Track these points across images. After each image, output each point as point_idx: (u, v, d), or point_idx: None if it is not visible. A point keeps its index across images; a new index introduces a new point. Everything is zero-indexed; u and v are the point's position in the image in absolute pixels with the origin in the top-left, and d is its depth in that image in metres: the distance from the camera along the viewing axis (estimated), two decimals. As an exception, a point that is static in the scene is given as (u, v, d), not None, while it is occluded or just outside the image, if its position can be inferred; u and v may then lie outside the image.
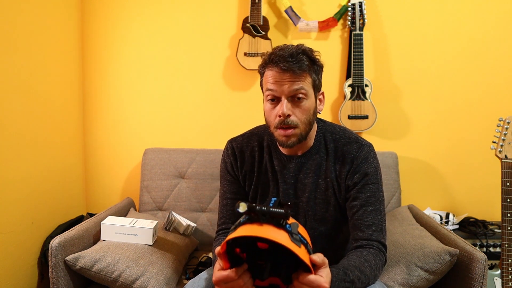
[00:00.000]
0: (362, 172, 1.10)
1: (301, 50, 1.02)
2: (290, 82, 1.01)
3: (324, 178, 1.14)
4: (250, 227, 0.77)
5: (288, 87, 1.02)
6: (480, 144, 2.00)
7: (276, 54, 1.02)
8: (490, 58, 2.00)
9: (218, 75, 2.06)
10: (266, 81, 1.06)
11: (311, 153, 1.15)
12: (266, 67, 1.06)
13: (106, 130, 2.08)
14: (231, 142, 1.24)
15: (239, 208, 0.77)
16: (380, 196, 1.11)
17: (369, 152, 1.13)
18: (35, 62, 1.64)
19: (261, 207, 0.77)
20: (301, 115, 1.05)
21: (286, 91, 1.02)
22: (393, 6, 2.00)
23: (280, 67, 1.01)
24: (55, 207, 1.78)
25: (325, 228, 1.17)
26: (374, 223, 1.08)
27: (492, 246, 1.77)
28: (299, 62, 1.01)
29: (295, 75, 1.01)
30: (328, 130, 1.18)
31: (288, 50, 1.02)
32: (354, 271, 0.95)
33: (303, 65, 1.01)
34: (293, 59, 1.00)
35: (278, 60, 1.01)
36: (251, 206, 0.77)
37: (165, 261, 1.41)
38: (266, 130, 1.21)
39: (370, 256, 1.03)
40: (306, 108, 1.05)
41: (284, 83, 1.02)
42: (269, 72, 1.05)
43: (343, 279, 0.92)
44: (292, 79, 1.01)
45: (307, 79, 1.04)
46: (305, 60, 1.02)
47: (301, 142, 1.09)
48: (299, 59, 1.01)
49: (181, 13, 2.03)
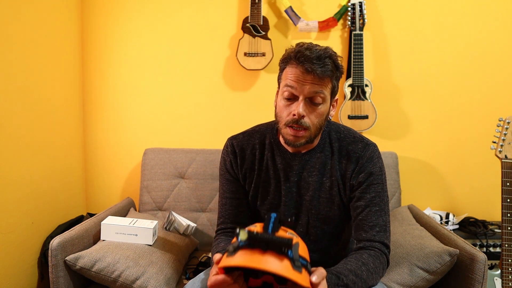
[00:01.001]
0: (367, 171, 1.10)
1: (328, 54, 1.01)
2: (311, 84, 1.00)
3: (329, 176, 1.13)
4: (250, 255, 0.74)
5: (309, 88, 1.00)
6: (480, 144, 2.00)
7: (303, 53, 1.00)
8: (490, 58, 2.00)
9: (218, 75, 2.06)
10: (286, 76, 1.04)
11: (316, 151, 1.14)
12: (289, 62, 1.04)
13: (106, 130, 2.08)
14: (231, 140, 1.23)
15: (239, 236, 0.75)
16: (384, 196, 1.11)
17: (374, 151, 1.13)
18: (35, 62, 1.64)
19: (263, 235, 0.74)
20: (315, 118, 1.04)
21: (306, 91, 1.01)
22: (393, 6, 2.00)
23: (305, 67, 0.99)
24: (55, 207, 1.78)
25: (328, 227, 1.16)
26: (378, 224, 1.07)
27: (492, 246, 1.77)
28: (325, 66, 0.99)
29: (318, 79, 1.00)
30: (333, 129, 1.17)
31: (316, 51, 1.00)
32: (349, 275, 0.94)
33: (327, 70, 1.00)
34: (319, 62, 0.99)
35: (304, 59, 0.99)
36: (252, 234, 0.74)
37: (165, 261, 1.41)
38: (268, 128, 1.20)
39: (369, 259, 1.02)
40: (321, 113, 1.04)
41: (305, 84, 1.00)
42: (291, 69, 1.03)
43: (336, 283, 0.91)
44: (315, 81, 1.00)
45: (328, 84, 1.03)
46: (330, 65, 1.01)
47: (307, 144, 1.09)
48: (325, 63, 0.99)
49: (181, 13, 2.03)
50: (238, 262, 0.74)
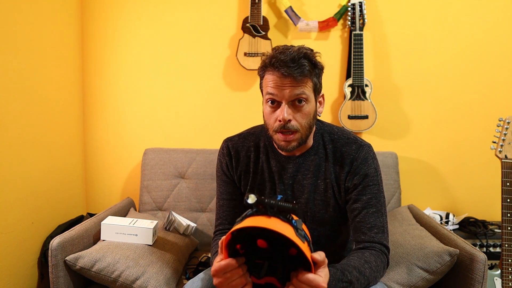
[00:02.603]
0: (362, 173, 1.09)
1: (303, 54, 1.00)
2: (291, 87, 1.00)
3: (323, 179, 1.13)
4: (257, 218, 0.77)
5: (289, 92, 1.00)
6: (480, 144, 2.00)
7: (277, 58, 0.99)
8: (490, 58, 2.00)
9: (218, 75, 2.06)
10: (266, 84, 1.04)
11: (310, 154, 1.14)
12: (266, 70, 1.04)
13: (106, 130, 2.08)
14: (227, 141, 1.23)
15: (248, 199, 0.78)
16: (381, 197, 1.10)
17: (369, 152, 1.12)
18: (35, 62, 1.64)
19: (270, 200, 0.78)
20: (302, 119, 1.04)
21: (287, 96, 1.01)
22: (393, 6, 2.00)
23: (281, 72, 0.99)
24: (55, 207, 1.78)
25: (324, 229, 1.16)
26: (376, 225, 1.07)
27: (492, 246, 1.77)
28: (301, 67, 0.99)
29: (296, 81, 1.00)
30: (326, 130, 1.17)
31: (290, 54, 0.99)
32: (353, 272, 0.95)
33: (305, 70, 1.00)
34: (294, 64, 0.98)
35: (279, 65, 0.99)
36: (260, 198, 0.77)
37: (165, 261, 1.41)
38: (263, 130, 1.20)
39: (371, 258, 1.02)
40: (307, 113, 1.04)
41: (285, 88, 1.00)
42: (269, 76, 1.03)
43: (341, 279, 0.91)
44: (293, 84, 1.00)
45: (308, 84, 1.02)
46: (307, 64, 1.00)
47: (301, 146, 1.09)
48: (300, 64, 0.99)
49: (181, 13, 2.03)
50: (245, 224, 0.76)
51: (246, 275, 0.84)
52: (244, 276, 0.83)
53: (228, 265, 0.80)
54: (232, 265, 0.81)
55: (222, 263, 0.81)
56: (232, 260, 0.80)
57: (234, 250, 0.83)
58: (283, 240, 0.78)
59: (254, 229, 0.77)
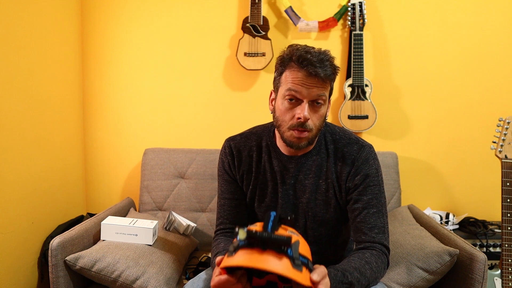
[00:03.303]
0: (363, 174, 1.10)
1: (328, 57, 1.02)
2: (316, 88, 1.01)
3: (325, 179, 1.13)
4: (250, 255, 0.75)
5: (314, 91, 1.01)
6: (480, 144, 2.00)
7: (304, 57, 1.00)
8: (490, 58, 2.00)
9: (218, 75, 2.06)
10: (287, 80, 1.04)
11: (312, 154, 1.14)
12: (288, 66, 1.04)
13: (106, 130, 2.08)
14: (229, 141, 1.23)
15: (238, 235, 0.76)
16: (382, 198, 1.10)
17: (370, 153, 1.12)
18: (35, 62, 1.64)
19: (262, 234, 0.74)
20: (317, 120, 1.05)
21: (311, 95, 1.01)
22: (393, 6, 2.00)
23: (309, 71, 0.99)
24: (55, 207, 1.78)
25: (325, 229, 1.17)
26: (376, 226, 1.07)
27: (492, 246, 1.77)
28: (326, 70, 1.01)
29: (321, 82, 1.01)
30: (328, 130, 1.17)
31: (316, 54, 1.01)
32: (354, 273, 0.95)
33: (329, 72, 1.01)
34: (321, 65, 1.00)
35: (307, 63, 0.99)
36: (251, 233, 0.75)
37: (165, 261, 1.41)
38: (265, 130, 1.20)
39: (372, 258, 1.02)
40: (322, 114, 1.06)
41: (310, 87, 1.01)
42: (292, 73, 1.03)
43: (342, 281, 0.92)
44: (318, 84, 1.01)
45: (328, 87, 1.05)
46: (330, 68, 1.02)
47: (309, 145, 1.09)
48: (326, 66, 1.01)
49: (181, 13, 2.03)
50: (237, 262, 0.74)
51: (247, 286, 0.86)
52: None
53: (228, 281, 0.82)
54: (231, 281, 0.82)
55: (222, 278, 0.82)
56: (230, 277, 0.82)
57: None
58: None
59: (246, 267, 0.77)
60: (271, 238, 0.74)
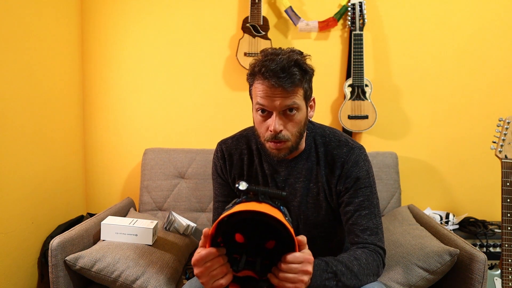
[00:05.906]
0: (353, 176, 1.08)
1: (293, 62, 0.96)
2: (281, 98, 0.97)
3: (315, 182, 1.13)
4: (248, 204, 0.79)
5: (280, 103, 0.97)
6: (480, 144, 2.00)
7: (267, 68, 0.95)
8: (490, 58, 2.00)
9: (218, 75, 2.06)
10: (255, 93, 1.01)
11: (302, 158, 1.13)
12: (255, 78, 1.01)
13: (106, 130, 2.08)
14: (221, 144, 1.22)
15: (239, 185, 0.81)
16: (374, 199, 1.09)
17: (360, 155, 1.10)
18: (35, 62, 1.64)
19: (260, 187, 0.82)
20: (293, 128, 1.02)
21: (278, 107, 0.98)
22: (393, 6, 2.00)
23: (271, 82, 0.95)
24: (55, 207, 1.78)
25: (318, 232, 1.16)
26: (369, 227, 1.06)
27: (492, 246, 1.77)
28: (291, 77, 0.95)
29: (287, 91, 0.96)
30: (318, 133, 1.15)
31: (279, 62, 0.95)
32: (338, 265, 0.95)
33: (295, 79, 0.96)
34: (284, 74, 0.94)
35: (268, 75, 0.95)
36: (250, 185, 0.81)
37: (165, 261, 1.41)
38: (254, 132, 1.20)
39: (362, 255, 1.01)
40: (298, 121, 1.02)
41: (275, 99, 0.97)
42: (259, 85, 0.99)
43: (325, 270, 0.92)
44: (284, 94, 0.97)
45: (299, 92, 0.99)
46: (297, 73, 0.96)
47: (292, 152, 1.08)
48: (291, 73, 0.95)
49: (181, 13, 2.03)
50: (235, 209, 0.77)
51: (227, 265, 0.82)
52: (225, 265, 0.81)
53: (209, 254, 0.79)
54: (213, 253, 0.79)
55: (202, 253, 0.79)
56: (212, 249, 0.79)
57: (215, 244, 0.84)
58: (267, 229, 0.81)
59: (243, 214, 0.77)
60: (269, 191, 0.82)
